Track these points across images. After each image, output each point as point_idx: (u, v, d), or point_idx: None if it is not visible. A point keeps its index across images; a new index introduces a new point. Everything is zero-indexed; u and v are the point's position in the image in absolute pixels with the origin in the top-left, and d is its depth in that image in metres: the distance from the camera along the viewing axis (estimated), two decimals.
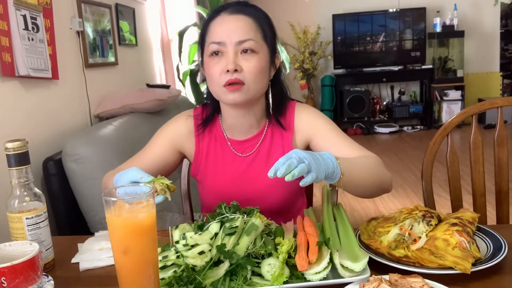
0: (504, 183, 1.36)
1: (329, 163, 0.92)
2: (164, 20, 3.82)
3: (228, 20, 1.12)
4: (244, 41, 1.09)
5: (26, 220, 0.94)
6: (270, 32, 1.16)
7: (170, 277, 0.82)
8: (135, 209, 0.71)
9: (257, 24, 1.13)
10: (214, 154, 1.23)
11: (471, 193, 1.38)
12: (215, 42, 1.10)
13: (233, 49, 1.09)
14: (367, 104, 6.37)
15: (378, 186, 1.11)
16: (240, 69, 1.09)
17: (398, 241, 0.91)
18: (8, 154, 0.93)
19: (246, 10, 1.13)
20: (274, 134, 1.22)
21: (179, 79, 3.92)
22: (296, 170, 0.83)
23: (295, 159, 0.86)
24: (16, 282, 0.77)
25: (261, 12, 1.17)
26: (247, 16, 1.12)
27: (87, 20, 2.48)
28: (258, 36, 1.12)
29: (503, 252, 0.88)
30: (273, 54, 1.18)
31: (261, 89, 1.15)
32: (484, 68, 6.54)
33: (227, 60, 1.09)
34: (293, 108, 1.23)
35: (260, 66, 1.11)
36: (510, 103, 1.34)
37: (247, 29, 1.11)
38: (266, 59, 1.14)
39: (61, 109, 2.15)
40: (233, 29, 1.10)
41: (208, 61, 1.12)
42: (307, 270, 0.82)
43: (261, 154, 1.22)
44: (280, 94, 1.21)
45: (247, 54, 1.10)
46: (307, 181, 0.87)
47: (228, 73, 1.08)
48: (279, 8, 6.32)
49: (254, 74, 1.10)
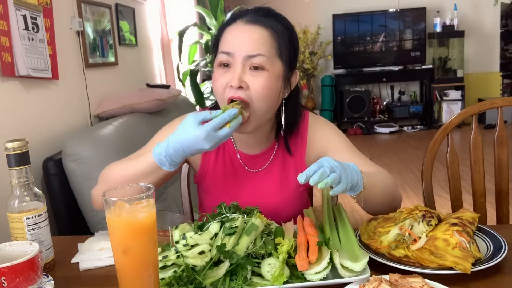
0: (504, 183, 1.36)
1: (354, 174, 0.93)
2: (164, 20, 3.82)
3: (242, 30, 1.03)
4: (253, 56, 1.01)
5: (26, 220, 0.94)
6: (289, 47, 1.06)
7: (170, 277, 0.82)
8: (135, 209, 0.71)
9: (273, 38, 1.03)
10: (222, 166, 1.18)
11: (471, 193, 1.38)
12: (224, 52, 1.03)
13: (241, 63, 1.01)
14: (367, 104, 6.37)
15: (390, 204, 1.10)
16: (246, 86, 1.01)
17: (398, 241, 0.91)
18: (8, 154, 0.93)
19: (264, 21, 1.04)
20: (286, 151, 1.18)
21: (179, 79, 3.92)
22: (329, 179, 0.85)
23: (328, 167, 0.86)
24: (16, 282, 0.77)
25: (283, 24, 1.06)
26: (264, 28, 1.03)
27: (87, 20, 2.48)
28: (271, 51, 1.02)
29: (503, 252, 0.87)
30: (289, 72, 1.08)
31: (268, 111, 1.06)
32: (484, 68, 6.54)
33: (233, 74, 1.01)
34: (307, 122, 1.18)
35: (268, 85, 1.01)
36: (510, 103, 1.34)
37: (260, 43, 1.01)
38: (277, 78, 1.04)
39: (61, 109, 2.15)
40: (244, 41, 1.02)
41: (216, 71, 1.05)
42: (307, 270, 0.82)
43: (274, 170, 1.18)
44: (292, 117, 1.14)
45: (255, 70, 1.01)
46: (337, 191, 0.88)
47: (232, 89, 1.01)
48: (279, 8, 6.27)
49: (260, 94, 1.01)
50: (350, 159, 1.10)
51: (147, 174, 1.03)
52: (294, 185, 1.18)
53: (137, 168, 1.03)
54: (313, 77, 6.63)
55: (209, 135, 0.94)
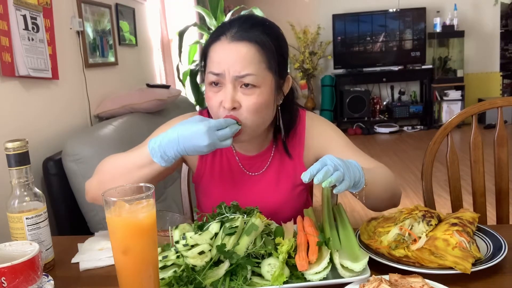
0: (504, 183, 1.36)
1: (356, 171, 0.93)
2: (164, 20, 3.82)
3: (228, 49, 1.01)
4: (243, 76, 0.99)
5: (26, 220, 0.94)
6: (278, 57, 1.04)
7: (170, 277, 0.82)
8: (135, 209, 0.71)
9: (261, 52, 1.01)
10: (219, 167, 1.18)
11: (471, 193, 1.38)
12: (213, 73, 1.01)
13: (231, 83, 1.00)
14: (367, 104, 6.37)
15: (391, 199, 1.11)
16: (238, 106, 1.01)
17: (398, 241, 0.91)
18: (8, 154, 0.93)
19: (249, 35, 1.01)
20: (284, 151, 1.18)
21: (179, 79, 3.92)
22: (333, 177, 0.85)
23: (331, 166, 0.87)
24: (16, 282, 0.77)
25: (269, 34, 1.04)
26: (250, 44, 1.00)
27: (87, 20, 2.48)
28: (261, 67, 1.01)
29: (503, 252, 0.88)
30: (280, 80, 1.08)
31: (262, 124, 1.07)
32: (484, 68, 6.54)
33: (225, 95, 1.01)
34: (304, 122, 1.18)
35: (261, 102, 1.02)
36: (510, 103, 1.34)
37: (248, 61, 1.00)
38: (269, 91, 1.03)
39: (61, 109, 2.15)
40: (232, 61, 0.99)
41: (208, 89, 1.05)
42: (307, 270, 0.82)
43: (272, 171, 1.18)
44: (289, 119, 1.15)
45: (247, 88, 1.01)
46: (341, 190, 0.88)
47: (226, 109, 1.01)
48: (279, 8, 6.32)
49: (253, 112, 1.01)
50: (350, 156, 1.09)
51: (139, 166, 1.02)
52: (292, 184, 1.18)
53: (130, 160, 1.03)
54: (313, 77, 6.63)
55: (210, 131, 0.95)
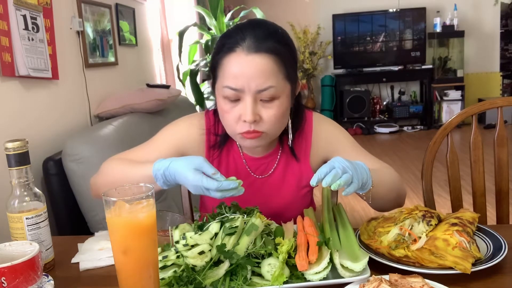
0: (504, 183, 1.36)
1: (364, 173, 0.93)
2: (164, 20, 3.82)
3: (246, 62, 0.96)
4: (264, 89, 0.97)
5: (26, 220, 0.94)
6: (292, 62, 1.03)
7: (170, 277, 0.82)
8: (135, 209, 0.71)
9: (278, 62, 0.98)
10: (226, 168, 1.17)
11: (471, 193, 1.38)
12: (231, 88, 0.98)
13: (252, 97, 0.97)
14: (367, 104, 6.37)
15: (396, 199, 1.11)
16: (259, 118, 0.99)
17: (398, 241, 0.91)
18: (8, 154, 0.93)
19: (266, 46, 0.97)
20: (290, 153, 1.17)
21: (179, 79, 3.92)
22: (342, 180, 0.85)
23: (339, 168, 0.87)
24: (16, 282, 0.76)
25: (281, 42, 1.00)
26: (267, 55, 0.97)
27: (87, 20, 2.48)
28: (279, 78, 0.99)
29: (503, 252, 0.88)
30: (295, 86, 1.07)
31: (280, 129, 1.07)
32: (484, 68, 6.54)
33: (245, 109, 0.98)
34: (311, 123, 1.18)
35: (281, 112, 1.01)
36: (510, 103, 1.34)
37: (268, 74, 0.97)
38: (287, 100, 1.03)
39: (61, 109, 2.15)
40: (251, 75, 0.96)
41: (223, 103, 1.01)
42: (307, 270, 0.82)
43: (278, 173, 1.18)
44: (298, 121, 1.15)
45: (267, 102, 0.99)
46: (350, 192, 0.88)
47: (246, 123, 0.99)
48: (279, 8, 6.32)
49: (274, 123, 1.01)
50: (356, 157, 1.10)
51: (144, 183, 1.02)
52: (298, 186, 1.18)
53: (136, 175, 1.03)
54: (313, 77, 6.62)
55: (198, 187, 0.91)
